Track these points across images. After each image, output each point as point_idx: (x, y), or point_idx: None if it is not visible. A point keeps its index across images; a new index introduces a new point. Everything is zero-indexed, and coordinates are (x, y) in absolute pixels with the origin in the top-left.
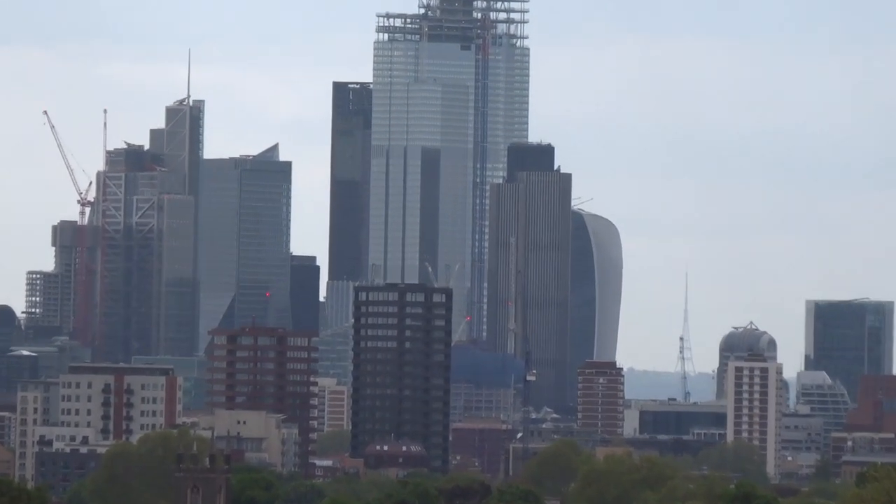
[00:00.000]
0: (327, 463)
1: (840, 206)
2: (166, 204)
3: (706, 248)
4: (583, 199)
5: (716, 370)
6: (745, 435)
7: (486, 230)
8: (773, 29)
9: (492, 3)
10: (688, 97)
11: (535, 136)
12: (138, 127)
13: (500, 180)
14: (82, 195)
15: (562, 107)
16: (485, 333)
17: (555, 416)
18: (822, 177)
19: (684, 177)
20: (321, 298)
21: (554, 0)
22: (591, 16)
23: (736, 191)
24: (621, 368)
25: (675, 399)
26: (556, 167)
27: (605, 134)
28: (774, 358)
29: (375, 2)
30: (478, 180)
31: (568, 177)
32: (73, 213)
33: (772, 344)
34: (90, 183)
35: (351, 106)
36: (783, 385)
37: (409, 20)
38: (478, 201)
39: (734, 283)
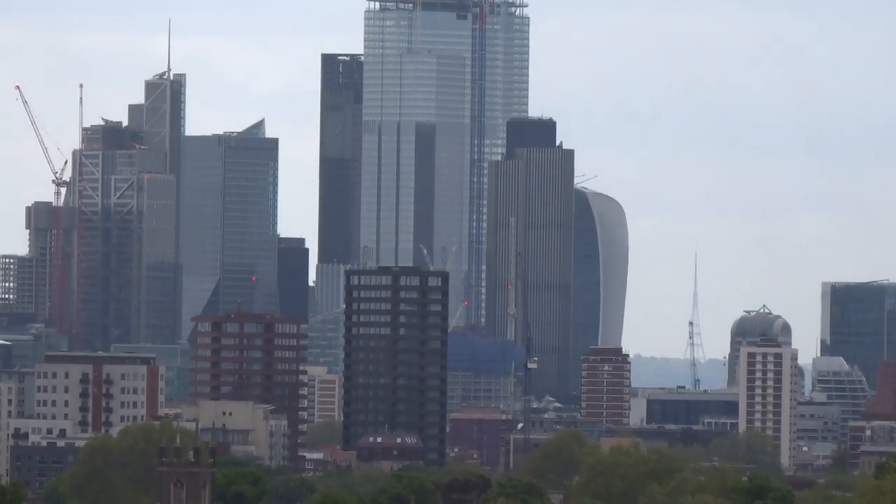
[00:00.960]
0: (318, 456)
1: (860, 184)
2: (146, 184)
3: (717, 227)
4: (586, 176)
5: (727, 356)
6: (758, 424)
7: (485, 210)
8: None
9: None
10: (699, 65)
11: (536, 110)
12: (116, 102)
13: (499, 157)
14: (57, 175)
15: (564, 79)
16: (483, 319)
17: (557, 405)
18: (844, 152)
19: (694, 152)
20: (310, 283)
21: None
22: None
23: (750, 166)
24: (627, 355)
25: (684, 387)
26: (557, 143)
27: (610, 107)
28: (789, 343)
29: None
30: (475, 157)
31: (570, 153)
32: (47, 193)
33: (786, 328)
34: (66, 162)
35: (340, 79)
36: (798, 372)
37: None
38: (475, 179)
39: (746, 264)
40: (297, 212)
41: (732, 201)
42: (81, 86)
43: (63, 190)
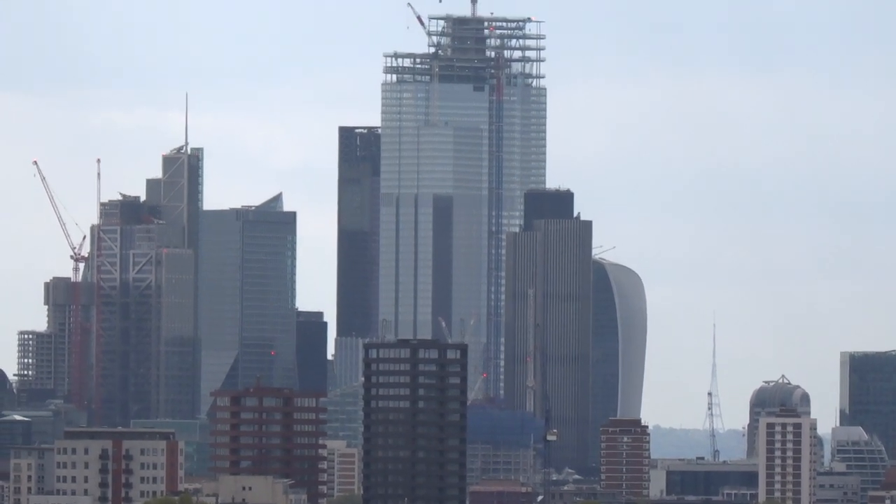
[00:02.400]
0: None
1: (878, 252)
2: (164, 258)
3: (735, 297)
4: (604, 247)
5: (746, 427)
6: (777, 495)
7: (503, 282)
8: (806, 61)
9: (506, 40)
10: (716, 136)
11: (553, 181)
12: (134, 177)
13: (517, 229)
14: (75, 250)
15: (581, 150)
16: (502, 391)
17: (577, 477)
18: (861, 219)
19: (712, 221)
20: (329, 356)
21: (571, 36)
22: (610, 51)
23: (768, 235)
24: (647, 426)
25: (703, 458)
26: (575, 214)
27: (627, 178)
28: (808, 413)
29: (382, 41)
30: (493, 229)
31: (588, 224)
32: (66, 269)
33: (805, 398)
34: (84, 237)
35: (358, 152)
36: (817, 442)
37: (418, 60)
38: (493, 251)
39: (765, 334)
40: (316, 285)
41: (750, 271)
42: (99, 161)
43: (81, 265)
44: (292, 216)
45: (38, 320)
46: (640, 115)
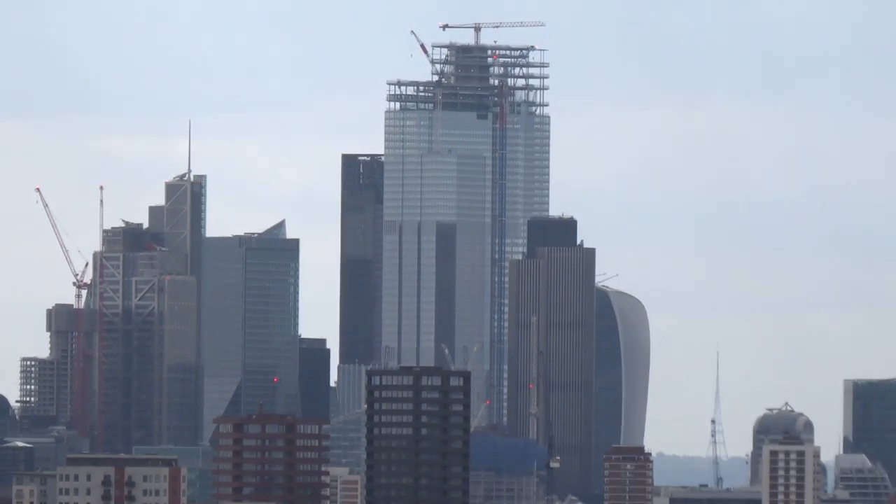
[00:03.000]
0: None
1: (881, 282)
2: (167, 285)
3: (738, 325)
4: (607, 274)
5: (749, 454)
6: None
7: (506, 309)
8: (814, 89)
9: (509, 68)
10: (721, 164)
11: (557, 209)
12: (137, 204)
13: (520, 256)
14: (78, 277)
15: (584, 177)
16: (505, 418)
17: None
18: (865, 248)
19: (716, 250)
20: (332, 383)
21: (575, 64)
22: (615, 79)
23: (772, 264)
24: (650, 453)
25: (706, 485)
26: (578, 242)
27: (631, 206)
28: (812, 441)
29: (386, 69)
30: (496, 256)
31: (591, 252)
32: (68, 295)
33: (808, 426)
34: (86, 264)
35: (361, 179)
36: (821, 469)
37: (421, 88)
38: (496, 279)
39: (768, 362)
40: (319, 312)
41: (754, 299)
42: (102, 188)
43: (84, 292)
44: (295, 243)
45: (41, 347)
46: (644, 143)
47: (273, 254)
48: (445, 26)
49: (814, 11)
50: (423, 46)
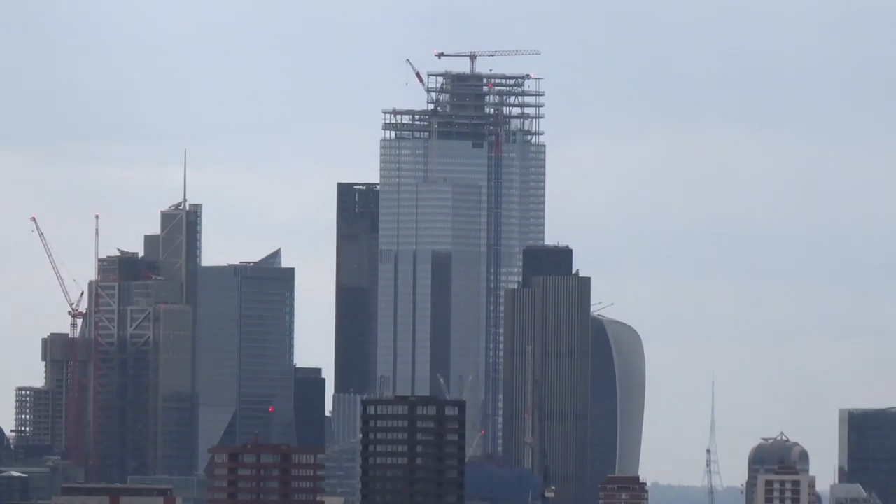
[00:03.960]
0: None
1: (877, 311)
2: (162, 314)
3: (733, 354)
4: (603, 304)
5: (745, 484)
6: None
7: (501, 338)
8: (809, 117)
9: (505, 97)
10: (717, 193)
11: (552, 238)
12: (132, 233)
13: (515, 285)
14: (73, 306)
15: (580, 206)
16: (500, 448)
17: None
18: (861, 277)
19: (711, 279)
20: (327, 413)
21: (570, 93)
22: (611, 107)
23: (766, 293)
24: (645, 483)
25: None
26: (574, 271)
27: (626, 235)
28: (807, 470)
29: (381, 97)
30: (491, 286)
31: (587, 281)
32: (63, 325)
33: (804, 456)
34: (81, 293)
35: (356, 208)
36: (816, 499)
37: (417, 116)
38: (492, 308)
39: (763, 391)
40: (314, 342)
41: (749, 328)
42: (97, 217)
43: (79, 321)
44: (291, 272)
45: (36, 376)
46: (639, 172)
47: (268, 283)
48: (441, 55)
49: (812, 40)
50: (418, 75)
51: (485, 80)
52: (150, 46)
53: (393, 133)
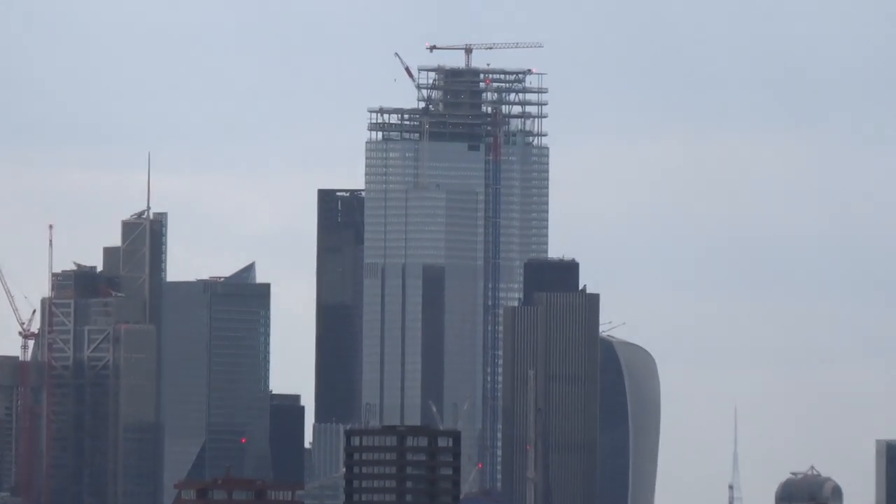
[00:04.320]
0: None
1: None
2: (123, 335)
3: (758, 378)
4: (613, 323)
5: None
6: None
7: (500, 361)
8: (842, 118)
9: (504, 94)
10: (740, 200)
11: (557, 250)
12: (89, 245)
13: (516, 303)
14: (24, 326)
15: (587, 215)
16: (499, 483)
17: None
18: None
19: (734, 295)
20: (307, 444)
21: (577, 88)
22: (621, 105)
23: (794, 311)
24: None
25: None
26: (580, 286)
27: (639, 247)
28: None
29: (366, 95)
30: (489, 303)
31: (595, 297)
32: (14, 347)
33: (837, 491)
34: (34, 311)
35: (339, 217)
36: None
37: (406, 116)
38: (490, 328)
39: (792, 420)
40: (292, 365)
41: (775, 349)
42: (51, 227)
43: (31, 343)
44: (266, 288)
45: None
46: (653, 177)
47: (241, 300)
48: (433, 48)
49: (850, 29)
50: (407, 70)
51: (482, 76)
52: (109, 38)
53: (379, 134)
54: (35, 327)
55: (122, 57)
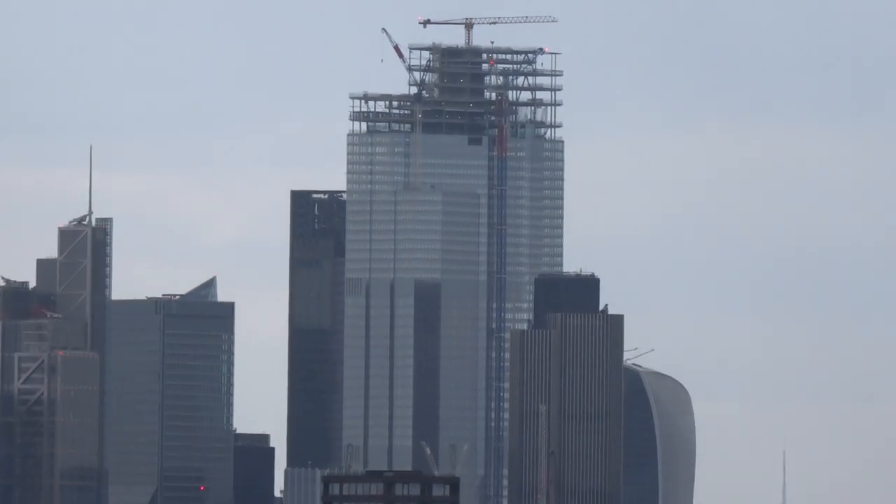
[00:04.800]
0: None
1: None
2: (60, 363)
3: (809, 414)
4: (640, 350)
5: None
6: None
7: (506, 395)
8: None
9: (511, 78)
10: (789, 205)
11: (573, 263)
12: (20, 257)
13: (525, 325)
14: None
15: (609, 222)
16: None
17: None
18: None
19: (782, 317)
20: (277, 493)
21: (597, 72)
22: (648, 92)
23: (854, 335)
24: None
25: None
26: (601, 306)
27: (670, 260)
28: None
29: (348, 79)
30: (493, 325)
31: (619, 319)
32: None
33: None
34: None
35: (317, 223)
36: None
37: (395, 104)
38: (494, 354)
39: (846, 459)
40: (260, 400)
41: (831, 382)
42: None
43: None
44: (229, 308)
45: None
46: (686, 177)
47: (200, 322)
48: (427, 22)
49: None
50: (397, 48)
51: (485, 56)
52: (44, 14)
53: (364, 125)
54: None
55: (59, 36)
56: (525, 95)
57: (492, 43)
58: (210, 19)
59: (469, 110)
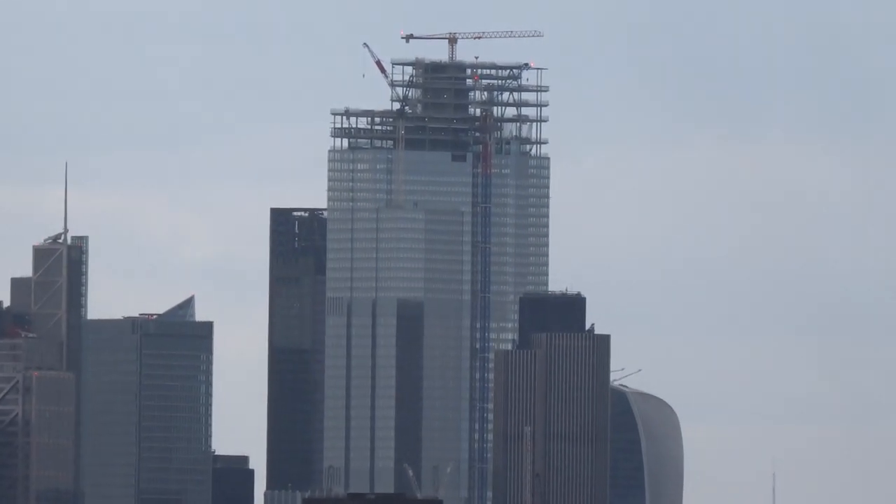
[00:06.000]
0: None
1: None
2: (35, 384)
3: (802, 438)
4: (627, 370)
5: None
6: None
7: (491, 416)
8: None
9: (496, 93)
10: (784, 223)
11: (558, 283)
12: None
13: (510, 345)
14: None
15: (596, 241)
16: None
17: None
18: None
19: (774, 338)
20: None
21: (584, 87)
22: (637, 107)
23: (848, 356)
24: None
25: None
26: (588, 326)
27: (658, 279)
28: None
29: (329, 95)
30: (477, 346)
31: (605, 339)
32: None
33: None
34: None
35: (297, 242)
36: None
37: (377, 120)
38: (477, 375)
39: (839, 483)
40: (239, 421)
41: (821, 402)
42: None
43: None
44: (208, 327)
45: None
46: (676, 194)
47: (178, 341)
48: (409, 37)
49: None
50: (379, 64)
51: (469, 72)
52: (18, 31)
53: (345, 141)
54: None
55: (33, 52)
56: (510, 111)
57: (476, 58)
58: (189, 35)
59: (453, 126)
